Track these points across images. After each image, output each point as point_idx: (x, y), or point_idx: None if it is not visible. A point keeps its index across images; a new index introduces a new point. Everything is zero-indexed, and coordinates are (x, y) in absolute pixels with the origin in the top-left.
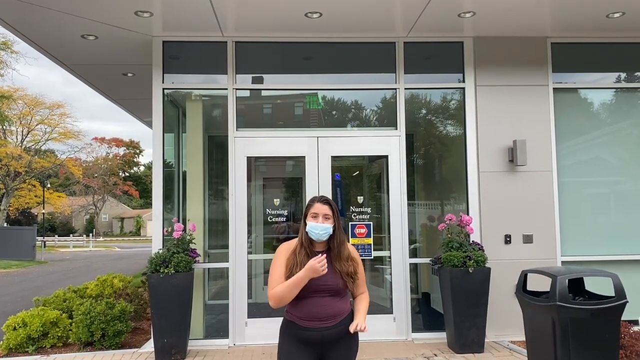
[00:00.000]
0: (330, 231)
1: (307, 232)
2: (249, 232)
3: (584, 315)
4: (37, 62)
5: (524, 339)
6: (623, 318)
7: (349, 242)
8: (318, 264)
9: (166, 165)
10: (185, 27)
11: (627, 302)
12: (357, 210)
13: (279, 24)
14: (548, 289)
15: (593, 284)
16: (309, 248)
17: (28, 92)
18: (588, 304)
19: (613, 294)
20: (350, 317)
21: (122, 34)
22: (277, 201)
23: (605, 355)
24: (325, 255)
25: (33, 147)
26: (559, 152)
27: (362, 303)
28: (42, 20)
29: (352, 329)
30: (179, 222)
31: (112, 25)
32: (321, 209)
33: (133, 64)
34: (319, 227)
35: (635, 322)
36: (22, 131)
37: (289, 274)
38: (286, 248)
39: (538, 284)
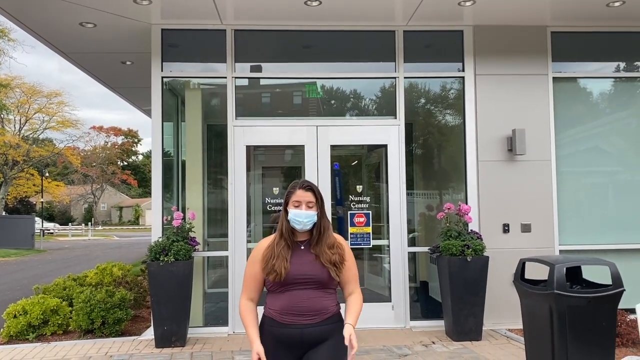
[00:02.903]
0: (315, 219)
1: (289, 221)
2: (248, 221)
3: (581, 304)
4: (34, 49)
5: (521, 327)
6: (620, 306)
7: (347, 234)
8: None
9: (165, 154)
10: (184, 14)
11: (624, 290)
12: (356, 199)
13: (278, 12)
14: (546, 278)
15: (591, 273)
16: (290, 238)
17: (25, 80)
18: (585, 292)
19: (610, 283)
20: (338, 318)
21: (120, 22)
22: (276, 190)
23: (602, 343)
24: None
25: (31, 135)
26: (557, 142)
27: (355, 304)
28: (40, 8)
29: (346, 338)
30: (178, 210)
31: (110, 13)
32: (304, 196)
33: (132, 52)
34: (302, 215)
35: (631, 311)
36: (20, 120)
37: (265, 266)
38: (263, 244)
39: (536, 272)
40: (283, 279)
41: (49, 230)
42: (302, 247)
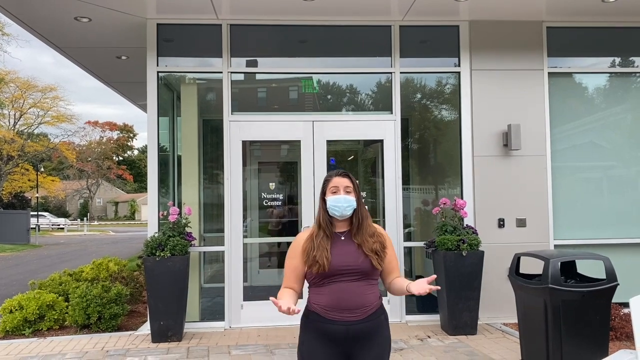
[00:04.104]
0: (355, 205)
1: (327, 210)
2: (245, 216)
3: (576, 298)
4: (29, 44)
5: (516, 321)
6: (614, 300)
7: None
8: (287, 310)
9: (161, 149)
10: (180, 9)
11: (618, 284)
12: None
13: (274, 7)
14: (540, 272)
15: (585, 267)
16: (328, 229)
17: (20, 74)
18: (579, 287)
19: (604, 277)
20: (381, 311)
21: (116, 16)
22: (272, 185)
23: (596, 337)
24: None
25: (26, 130)
26: (553, 137)
27: (403, 280)
28: (34, 2)
29: (426, 287)
30: (174, 205)
31: (106, 8)
32: (341, 182)
33: (127, 47)
34: (342, 200)
35: (625, 305)
36: (15, 115)
37: (307, 259)
38: (302, 236)
39: (531, 266)
40: (327, 269)
41: (58, 225)
42: (343, 238)
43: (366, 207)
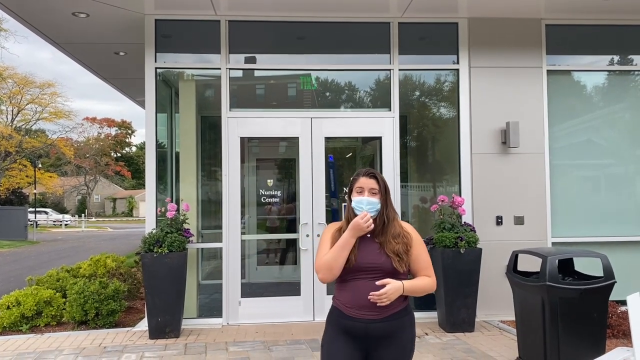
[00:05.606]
0: (378, 207)
1: (353, 208)
2: (243, 213)
3: (573, 295)
4: (27, 39)
5: (513, 318)
6: (611, 298)
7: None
8: (361, 219)
9: (159, 145)
10: (178, 5)
11: (615, 282)
12: None
13: (273, 3)
14: (538, 270)
15: (583, 265)
16: None
17: (18, 70)
18: (577, 284)
19: (602, 275)
20: (405, 312)
21: (113, 12)
22: (270, 182)
23: (593, 334)
24: (368, 214)
25: (23, 126)
26: (551, 135)
27: (420, 278)
28: None
29: (385, 283)
30: (172, 202)
31: (104, 3)
32: (367, 182)
33: (125, 43)
34: (364, 202)
35: (623, 302)
36: (12, 111)
37: None
38: (332, 227)
39: (528, 264)
40: (352, 266)
41: (60, 221)
42: (369, 236)
43: (395, 209)
